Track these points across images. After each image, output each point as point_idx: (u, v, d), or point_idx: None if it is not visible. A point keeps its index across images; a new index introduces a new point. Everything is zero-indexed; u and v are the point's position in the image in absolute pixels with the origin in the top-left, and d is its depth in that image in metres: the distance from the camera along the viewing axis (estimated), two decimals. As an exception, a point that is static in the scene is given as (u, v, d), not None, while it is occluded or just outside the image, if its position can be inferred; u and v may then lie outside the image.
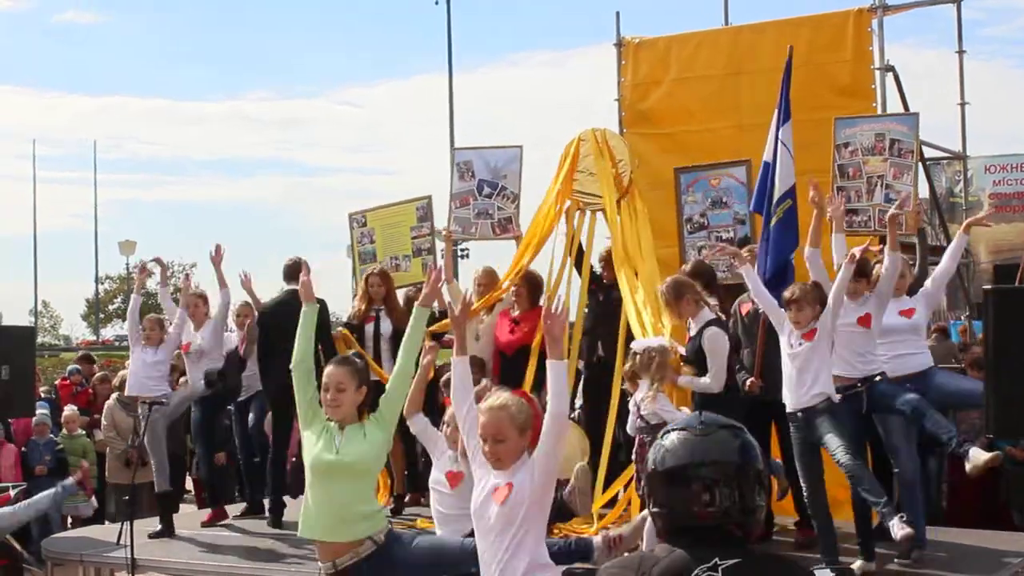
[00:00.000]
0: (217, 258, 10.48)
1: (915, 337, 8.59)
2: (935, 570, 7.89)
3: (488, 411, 5.05)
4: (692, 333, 8.34)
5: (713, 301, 8.47)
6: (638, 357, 7.84)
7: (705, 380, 8.04)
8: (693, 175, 10.16)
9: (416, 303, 6.23)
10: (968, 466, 7.46)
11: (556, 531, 8.29)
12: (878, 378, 7.96)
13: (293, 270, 10.31)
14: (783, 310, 7.69)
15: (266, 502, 10.69)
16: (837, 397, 7.59)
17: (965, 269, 13.81)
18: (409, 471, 10.80)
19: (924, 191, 13.12)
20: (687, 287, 8.25)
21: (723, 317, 8.50)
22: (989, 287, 7.35)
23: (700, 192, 10.06)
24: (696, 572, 2.76)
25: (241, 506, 11.05)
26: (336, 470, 5.76)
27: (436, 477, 6.93)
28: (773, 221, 8.50)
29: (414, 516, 9.93)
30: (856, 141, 9.57)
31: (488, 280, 10.48)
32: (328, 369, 5.91)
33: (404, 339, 6.09)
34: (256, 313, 10.89)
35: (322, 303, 8.49)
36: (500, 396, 5.18)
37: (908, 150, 9.34)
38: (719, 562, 2.77)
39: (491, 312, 10.40)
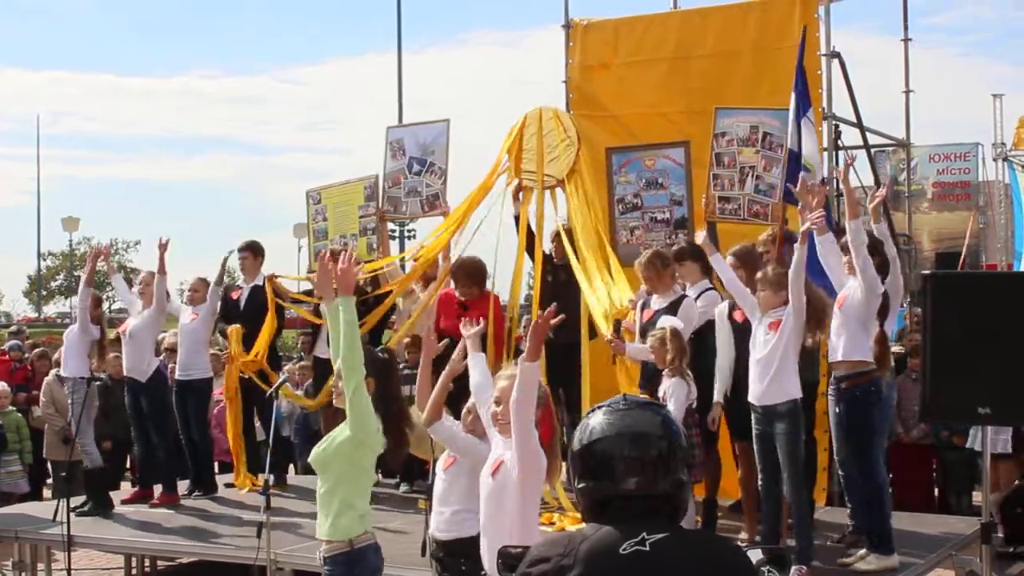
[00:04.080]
0: (163, 248, 10.56)
1: None
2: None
3: (508, 377, 5.22)
4: (655, 308, 8.40)
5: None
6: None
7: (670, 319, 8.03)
8: (626, 155, 10.17)
9: (321, 301, 6.03)
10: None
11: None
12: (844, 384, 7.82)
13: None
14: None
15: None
16: (798, 396, 7.55)
17: (907, 256, 13.92)
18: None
19: (869, 179, 13.23)
20: (670, 260, 8.45)
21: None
22: (927, 272, 7.41)
23: (633, 173, 10.07)
24: (624, 547, 2.76)
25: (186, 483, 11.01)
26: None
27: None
28: None
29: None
30: (732, 131, 9.70)
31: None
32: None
33: (331, 338, 5.64)
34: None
35: None
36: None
37: (779, 144, 9.41)
38: (646, 536, 2.77)
39: (425, 289, 10.39)
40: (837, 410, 7.72)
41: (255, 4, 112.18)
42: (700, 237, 8.34)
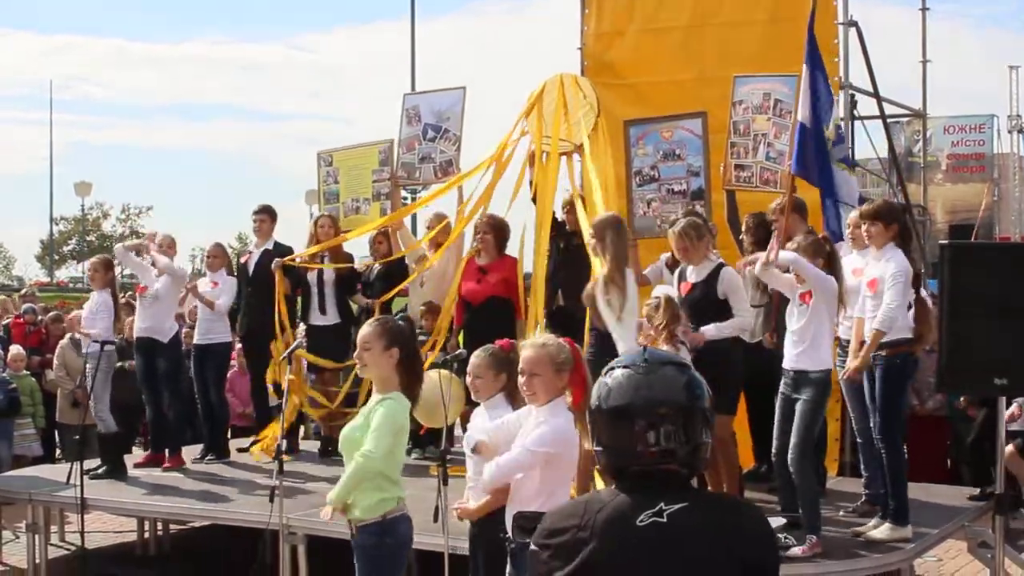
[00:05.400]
0: (149, 242, 10.64)
1: None
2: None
3: (530, 347, 5.36)
4: (693, 280, 8.10)
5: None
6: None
7: (735, 321, 7.87)
8: (643, 128, 10.10)
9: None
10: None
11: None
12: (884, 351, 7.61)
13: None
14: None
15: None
16: (830, 367, 7.48)
17: (922, 227, 13.87)
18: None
19: (884, 150, 13.17)
20: (706, 230, 8.14)
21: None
22: (945, 242, 7.37)
23: (651, 145, 10.01)
24: (641, 518, 2.72)
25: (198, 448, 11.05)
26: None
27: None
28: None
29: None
30: (748, 99, 9.71)
31: (438, 224, 10.57)
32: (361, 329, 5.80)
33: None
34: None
35: None
36: (543, 336, 5.53)
37: (788, 111, 9.40)
38: (664, 507, 2.72)
39: (438, 254, 10.40)
40: (871, 379, 7.62)
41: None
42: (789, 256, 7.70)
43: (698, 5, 11.73)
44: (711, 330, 7.76)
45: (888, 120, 12.77)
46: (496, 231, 9.93)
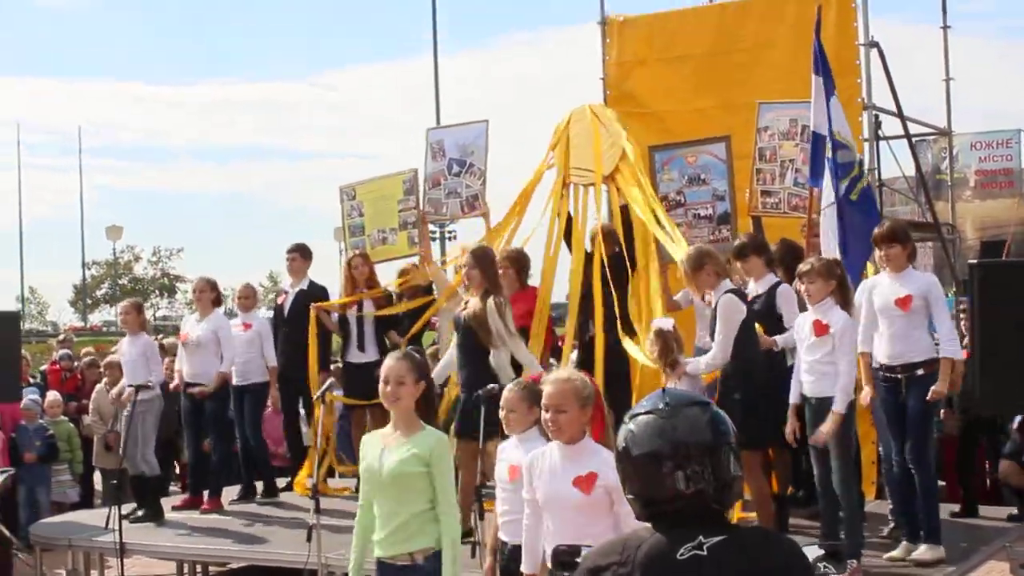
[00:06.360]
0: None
1: None
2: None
3: (554, 382, 5.28)
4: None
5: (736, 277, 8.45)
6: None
7: (705, 359, 7.91)
8: (668, 153, 10.15)
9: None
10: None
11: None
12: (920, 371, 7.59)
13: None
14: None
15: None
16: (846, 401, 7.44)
17: (951, 246, 13.82)
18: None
19: (910, 168, 13.15)
20: (709, 257, 8.06)
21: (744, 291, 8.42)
22: (974, 261, 7.35)
23: (676, 170, 10.05)
24: (681, 551, 2.73)
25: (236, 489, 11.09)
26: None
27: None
28: (855, 195, 8.60)
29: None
30: (774, 125, 9.74)
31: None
32: (387, 362, 5.70)
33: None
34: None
35: None
36: (566, 370, 5.52)
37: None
38: (703, 540, 2.74)
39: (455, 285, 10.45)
40: (905, 399, 7.56)
41: (282, 9, 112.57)
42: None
43: (719, 32, 11.78)
44: (691, 365, 7.90)
45: (914, 139, 12.75)
46: (516, 264, 9.95)
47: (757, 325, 8.01)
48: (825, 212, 8.56)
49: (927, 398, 7.43)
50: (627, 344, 8.90)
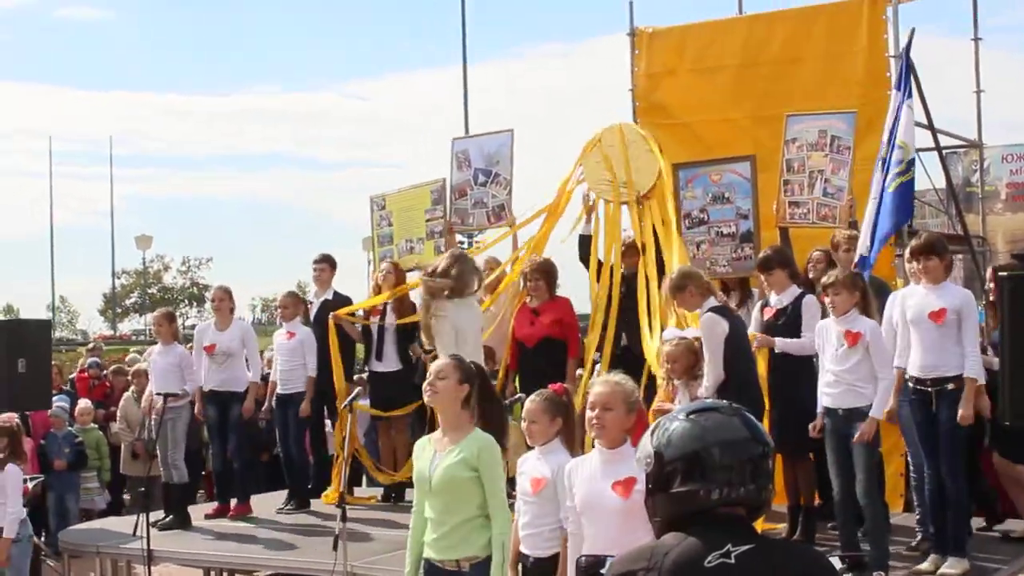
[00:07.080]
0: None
1: None
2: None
3: (604, 383, 5.32)
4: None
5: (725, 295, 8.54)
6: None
7: (704, 383, 7.87)
8: (692, 171, 10.15)
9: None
10: None
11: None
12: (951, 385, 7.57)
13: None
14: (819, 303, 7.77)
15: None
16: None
17: (982, 258, 13.72)
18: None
19: (941, 181, 13.07)
20: (690, 278, 8.11)
21: (729, 305, 8.50)
22: (1003, 272, 7.31)
23: (700, 188, 10.05)
24: (709, 559, 2.73)
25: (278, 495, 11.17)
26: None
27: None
28: (892, 187, 8.74)
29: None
30: (802, 137, 9.76)
31: (491, 269, 10.71)
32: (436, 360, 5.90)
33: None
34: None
35: None
36: (615, 374, 5.48)
37: (846, 147, 9.54)
38: (731, 548, 2.73)
39: (492, 298, 10.46)
40: (936, 413, 7.53)
41: (312, 19, 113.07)
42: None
43: (749, 43, 11.75)
44: (700, 391, 7.88)
45: (944, 151, 12.68)
46: (546, 275, 9.99)
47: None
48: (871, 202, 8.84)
49: (957, 421, 7.40)
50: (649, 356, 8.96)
